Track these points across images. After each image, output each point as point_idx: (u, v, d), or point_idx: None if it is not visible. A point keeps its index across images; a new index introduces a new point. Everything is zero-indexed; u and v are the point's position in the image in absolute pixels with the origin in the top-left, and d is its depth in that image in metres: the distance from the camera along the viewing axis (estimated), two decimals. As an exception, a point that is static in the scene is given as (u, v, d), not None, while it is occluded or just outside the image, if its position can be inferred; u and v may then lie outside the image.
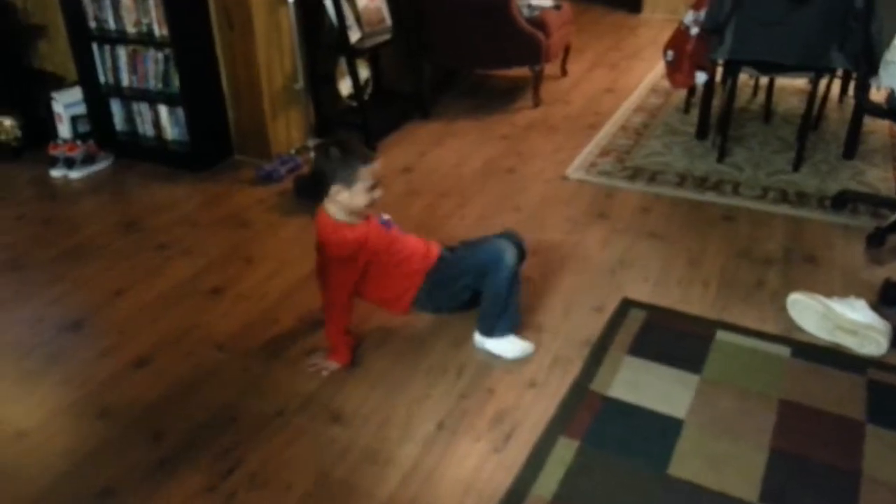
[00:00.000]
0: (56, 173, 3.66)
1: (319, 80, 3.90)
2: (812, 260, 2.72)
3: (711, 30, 3.33)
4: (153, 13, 3.47)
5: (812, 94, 3.40)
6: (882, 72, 2.78)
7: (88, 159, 3.69)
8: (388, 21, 4.11)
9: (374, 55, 4.21)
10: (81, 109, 3.89)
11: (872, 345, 2.20)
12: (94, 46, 3.71)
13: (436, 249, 2.34)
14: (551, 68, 4.83)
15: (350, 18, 3.78)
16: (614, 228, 2.99)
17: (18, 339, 2.44)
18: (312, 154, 3.69)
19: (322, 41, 3.83)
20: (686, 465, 1.81)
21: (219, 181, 3.57)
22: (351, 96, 3.95)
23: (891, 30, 2.90)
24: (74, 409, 2.12)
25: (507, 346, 2.24)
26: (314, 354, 2.26)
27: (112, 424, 2.05)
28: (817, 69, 3.28)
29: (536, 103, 4.44)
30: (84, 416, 2.09)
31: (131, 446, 1.96)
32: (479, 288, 2.25)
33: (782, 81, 4.30)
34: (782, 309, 2.41)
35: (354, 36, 3.81)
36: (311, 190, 3.25)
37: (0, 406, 2.15)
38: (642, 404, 2.01)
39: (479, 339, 2.28)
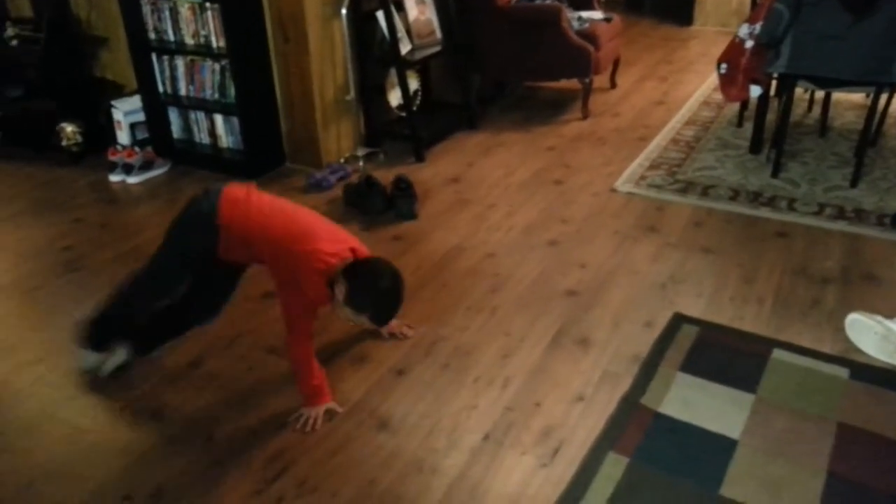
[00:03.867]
0: (115, 178, 3.78)
1: (370, 92, 3.95)
2: (871, 279, 2.64)
3: (767, 44, 3.27)
4: (211, 25, 3.57)
5: (871, 109, 3.31)
6: (948, 87, 2.70)
7: (146, 165, 3.80)
8: (439, 34, 4.15)
9: (423, 66, 4.25)
10: (140, 117, 4.01)
11: (936, 369, 2.13)
12: (154, 57, 3.82)
13: None
14: (600, 80, 4.81)
15: (401, 31, 3.82)
16: (665, 242, 2.95)
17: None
18: (362, 165, 3.75)
19: (373, 53, 3.88)
20: (739, 486, 1.77)
21: (271, 188, 3.60)
22: (400, 107, 3.98)
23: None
24: (129, 409, 2.17)
25: None
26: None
27: (166, 425, 2.09)
28: (878, 84, 3.19)
29: (585, 115, 4.42)
30: (138, 416, 2.14)
31: (184, 448, 2.00)
32: None
33: (838, 95, 4.21)
34: (840, 329, 2.34)
35: (405, 48, 3.84)
36: (359, 198, 3.32)
37: (57, 404, 2.21)
38: (694, 422, 1.97)
39: None
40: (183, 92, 3.85)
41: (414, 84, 4.17)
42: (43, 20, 3.97)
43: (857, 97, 4.35)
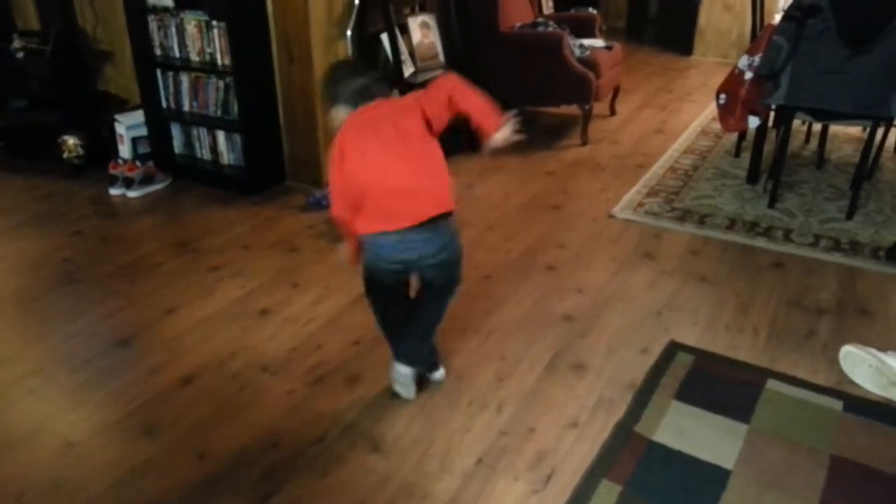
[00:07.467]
0: (115, 192, 3.79)
1: (372, 112, 3.97)
2: (865, 312, 2.65)
3: (767, 76, 3.31)
4: (217, 43, 3.60)
5: (868, 143, 3.35)
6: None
7: (147, 180, 3.81)
8: (441, 57, 4.19)
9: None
10: (142, 132, 4.03)
11: (930, 403, 2.13)
12: (158, 72, 3.85)
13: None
14: (600, 107, 4.86)
15: (405, 54, 3.86)
16: (661, 270, 2.97)
17: (71, 352, 2.51)
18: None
19: (376, 74, 3.92)
20: (732, 517, 1.77)
21: (270, 206, 3.65)
22: (401, 128, 4.00)
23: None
24: (122, 424, 2.16)
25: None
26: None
27: (157, 441, 2.08)
28: (875, 118, 3.23)
29: (584, 142, 4.46)
30: (130, 431, 2.13)
31: (175, 464, 1.99)
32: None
33: (836, 128, 4.25)
34: (834, 361, 2.35)
35: (408, 70, 3.88)
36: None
37: (50, 417, 2.20)
38: (688, 451, 1.97)
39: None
40: (186, 108, 3.88)
41: (416, 106, 4.20)
42: (49, 33, 4.00)
43: (854, 130, 4.40)
